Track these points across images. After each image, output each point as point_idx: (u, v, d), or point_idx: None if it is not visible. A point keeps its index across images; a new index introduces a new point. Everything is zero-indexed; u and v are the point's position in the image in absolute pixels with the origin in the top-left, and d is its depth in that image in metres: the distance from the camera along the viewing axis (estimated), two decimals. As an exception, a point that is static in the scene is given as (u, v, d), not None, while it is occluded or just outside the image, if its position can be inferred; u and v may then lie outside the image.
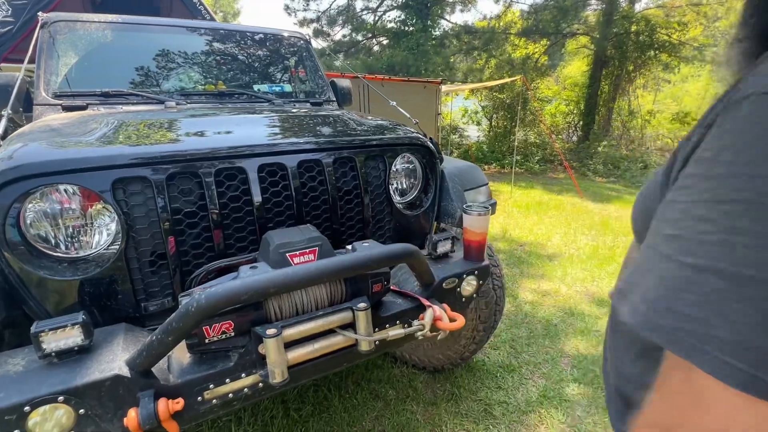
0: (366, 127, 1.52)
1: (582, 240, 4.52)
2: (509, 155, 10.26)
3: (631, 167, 9.09)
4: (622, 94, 12.13)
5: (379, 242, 1.44)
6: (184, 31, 2.30)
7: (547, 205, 6.19)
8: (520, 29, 11.92)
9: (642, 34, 10.64)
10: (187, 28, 2.33)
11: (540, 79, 12.57)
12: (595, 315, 2.82)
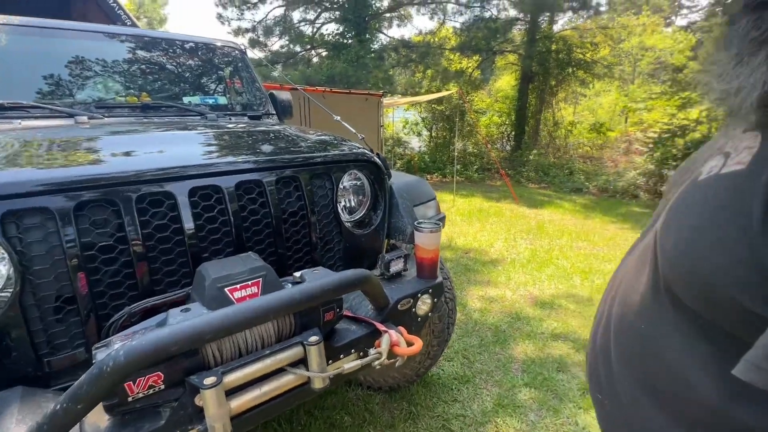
0: (310, 143, 1.45)
1: (521, 244, 4.75)
2: (450, 165, 10.64)
3: (559, 173, 9.84)
4: (547, 106, 13.17)
5: (329, 264, 1.36)
6: (100, 36, 2.07)
7: (488, 212, 6.46)
8: (454, 45, 12.51)
9: (561, 53, 11.67)
10: (105, 33, 2.09)
11: (475, 92, 13.26)
12: (539, 317, 2.94)
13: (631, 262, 0.56)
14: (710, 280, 0.37)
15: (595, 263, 4.11)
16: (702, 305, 0.39)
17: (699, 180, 0.44)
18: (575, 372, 2.31)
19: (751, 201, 0.34)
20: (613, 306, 0.56)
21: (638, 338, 0.49)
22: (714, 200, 0.39)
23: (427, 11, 13.14)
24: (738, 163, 0.39)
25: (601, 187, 8.55)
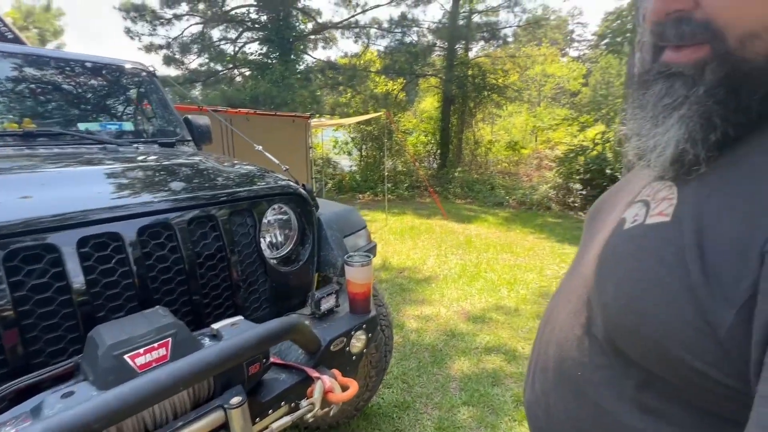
0: (228, 177, 1.35)
1: (452, 260, 4.92)
2: (381, 183, 10.82)
3: (482, 189, 10.49)
4: (467, 126, 14.10)
5: (255, 307, 1.26)
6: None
7: (419, 229, 6.63)
8: (379, 68, 12.93)
9: (477, 78, 12.65)
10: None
11: (401, 113, 13.76)
12: (472, 332, 3.04)
13: (563, 303, 0.58)
14: (658, 341, 0.37)
15: (519, 274, 4.39)
16: (650, 362, 0.40)
17: (625, 229, 0.46)
18: (508, 384, 2.40)
19: (686, 256, 0.36)
20: (549, 346, 0.57)
21: (574, 386, 0.49)
22: (647, 254, 0.41)
23: (351, 35, 13.48)
24: (660, 214, 0.42)
25: (519, 200, 9.28)
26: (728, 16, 0.36)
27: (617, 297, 0.42)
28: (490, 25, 12.64)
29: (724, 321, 0.32)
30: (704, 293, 0.34)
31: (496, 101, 13.67)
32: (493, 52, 13.58)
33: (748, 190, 0.34)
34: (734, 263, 0.32)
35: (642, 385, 0.42)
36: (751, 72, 0.36)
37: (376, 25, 13.05)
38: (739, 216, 0.33)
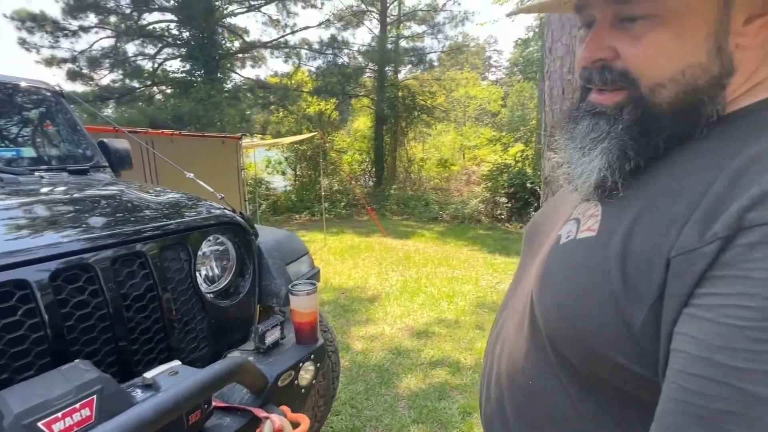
0: (157, 207, 1.25)
1: (393, 276, 4.99)
2: (318, 203, 10.70)
3: (417, 205, 10.84)
4: (400, 145, 14.58)
5: (192, 348, 1.17)
6: None
7: (359, 247, 6.64)
8: (311, 88, 12.94)
9: (407, 99, 13.21)
10: None
11: (335, 133, 13.84)
12: (417, 348, 3.08)
13: (511, 318, 0.61)
14: (589, 342, 0.42)
15: (457, 286, 4.58)
16: (585, 363, 0.44)
17: (561, 244, 0.51)
18: (455, 396, 2.46)
19: (609, 265, 0.41)
20: (501, 359, 0.60)
21: (527, 395, 0.53)
22: (578, 264, 0.46)
23: (281, 54, 13.38)
24: (589, 229, 0.47)
25: (452, 214, 9.73)
26: (641, 68, 0.44)
27: (554, 306, 0.47)
28: (416, 49, 13.36)
29: (637, 320, 0.38)
30: (622, 297, 0.39)
31: (426, 121, 14.36)
32: (420, 74, 14.31)
33: (655, 209, 0.41)
34: (646, 269, 0.38)
35: (584, 386, 0.46)
36: (659, 115, 0.44)
37: (307, 46, 13.12)
38: (650, 230, 0.40)
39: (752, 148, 0.37)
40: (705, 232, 0.34)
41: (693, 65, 0.42)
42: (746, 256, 0.32)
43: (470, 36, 21.44)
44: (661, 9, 0.41)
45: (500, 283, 4.67)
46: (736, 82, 0.43)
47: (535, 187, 8.56)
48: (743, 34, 0.41)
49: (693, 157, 0.42)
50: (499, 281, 4.75)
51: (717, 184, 0.36)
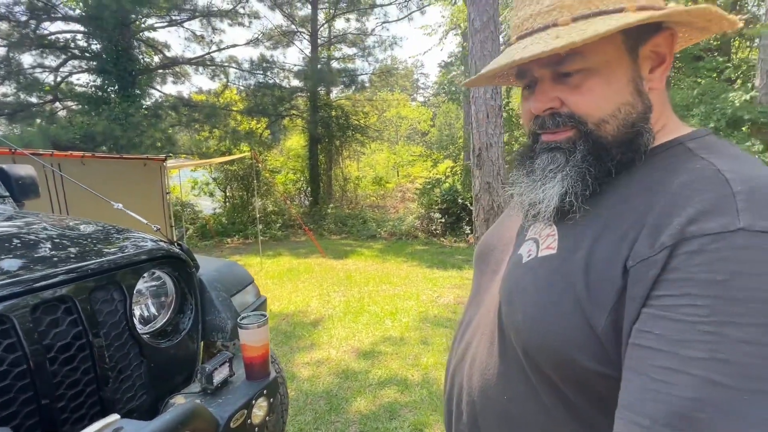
0: (83, 243, 1.13)
1: (335, 298, 4.92)
2: (251, 225, 10.25)
3: (355, 223, 10.88)
4: (335, 163, 14.61)
5: (129, 396, 1.06)
6: None
7: (298, 270, 6.46)
8: (242, 108, 12.53)
9: (341, 119, 13.35)
10: None
11: (267, 152, 13.48)
12: (365, 369, 3.06)
13: (479, 337, 0.65)
14: (560, 348, 0.47)
15: (399, 303, 4.65)
16: (557, 368, 0.49)
17: (523, 263, 0.57)
18: (405, 414, 2.48)
19: (573, 277, 0.47)
20: (472, 378, 0.63)
21: (503, 409, 0.57)
22: (544, 280, 0.52)
23: (207, 71, 12.82)
24: (548, 248, 0.54)
25: (390, 231, 9.91)
26: (585, 110, 0.53)
27: (525, 320, 0.52)
28: (347, 71, 13.62)
29: (600, 322, 0.44)
30: (587, 304, 0.46)
31: (360, 140, 14.60)
32: (352, 95, 14.60)
33: (612, 227, 0.48)
34: (607, 278, 0.45)
35: (556, 393, 0.51)
36: (607, 145, 0.53)
37: (235, 64, 12.74)
38: (609, 245, 0.47)
39: (680, 177, 0.46)
40: (654, 243, 0.42)
41: (624, 103, 0.51)
42: (689, 262, 0.39)
43: (399, 59, 22.46)
44: (590, 64, 0.50)
45: (440, 297, 4.83)
46: (654, 117, 0.53)
47: (466, 203, 9.07)
48: (651, 79, 0.53)
49: (635, 183, 0.51)
50: (439, 295, 4.92)
51: (659, 204, 0.44)
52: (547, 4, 0.52)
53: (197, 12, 12.16)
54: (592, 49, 0.49)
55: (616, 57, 0.50)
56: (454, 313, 4.25)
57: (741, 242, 0.38)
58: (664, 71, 0.53)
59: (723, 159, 0.46)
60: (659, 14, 0.46)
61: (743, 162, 0.46)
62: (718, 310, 0.37)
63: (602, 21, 0.47)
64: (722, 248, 0.38)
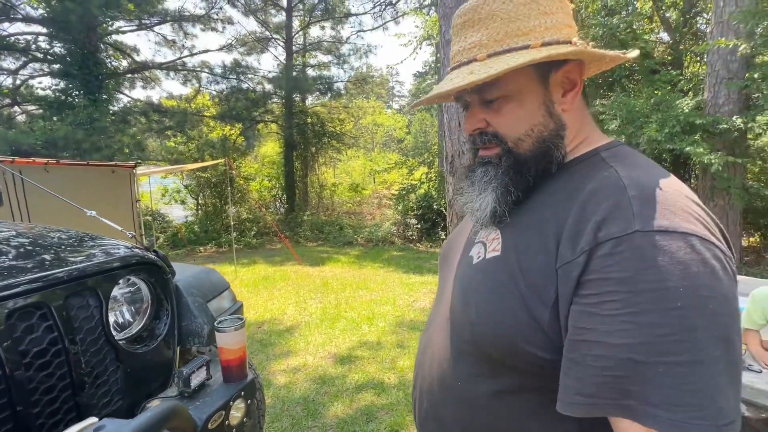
0: (57, 250, 1.13)
1: (312, 305, 4.92)
2: (225, 233, 10.06)
3: (332, 230, 10.87)
4: (311, 170, 14.57)
5: (105, 402, 1.07)
6: None
7: (273, 277, 6.40)
8: (214, 114, 12.33)
9: (316, 125, 13.34)
10: None
11: (241, 159, 13.29)
12: (342, 374, 3.08)
13: (437, 332, 0.71)
14: (511, 339, 0.54)
15: (376, 308, 4.69)
16: (506, 357, 0.56)
17: (474, 264, 0.64)
18: (381, 417, 2.52)
19: (515, 277, 0.54)
20: (432, 368, 0.70)
21: (458, 396, 0.63)
22: (492, 280, 0.58)
23: (179, 77, 12.58)
24: (494, 250, 0.61)
25: (367, 237, 9.96)
26: (505, 130, 0.61)
27: (478, 315, 0.58)
28: (323, 78, 13.66)
29: (545, 318, 0.51)
30: (531, 300, 0.52)
31: (336, 147, 14.62)
32: (328, 102, 14.64)
33: (538, 231, 0.56)
34: (544, 278, 0.52)
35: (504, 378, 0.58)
36: (525, 159, 0.61)
37: (208, 70, 12.55)
38: (539, 248, 0.54)
39: (590, 185, 0.54)
40: (575, 247, 0.49)
41: (536, 124, 0.60)
42: (604, 263, 0.46)
43: (374, 67, 22.70)
44: (506, 92, 0.60)
45: (416, 302, 4.91)
46: (569, 135, 0.62)
47: (441, 209, 9.24)
48: (564, 101, 0.61)
49: (559, 189, 0.59)
50: (415, 300, 5.00)
51: (574, 211, 0.52)
52: (470, 42, 0.61)
53: (168, 16, 11.94)
54: (508, 79, 0.58)
55: (527, 85, 0.60)
56: (429, 316, 4.34)
57: (638, 242, 0.45)
58: (576, 94, 0.61)
59: (626, 167, 0.54)
60: (556, 54, 0.55)
61: (643, 169, 0.54)
62: (630, 302, 0.44)
63: (511, 57, 0.57)
64: (625, 249, 0.45)
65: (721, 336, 0.43)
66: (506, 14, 0.58)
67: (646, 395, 0.43)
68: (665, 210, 0.47)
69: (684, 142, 4.97)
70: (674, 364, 0.42)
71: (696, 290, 0.43)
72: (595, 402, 0.46)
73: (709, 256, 0.45)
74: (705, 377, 0.41)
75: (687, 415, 0.41)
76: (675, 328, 0.42)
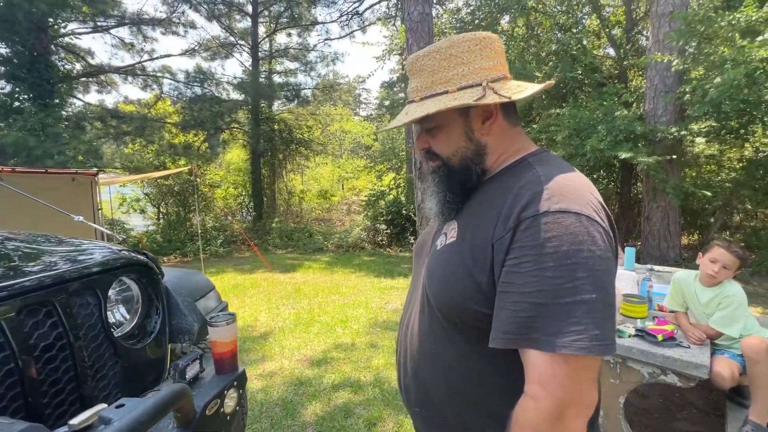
0: (56, 253, 1.18)
1: (285, 311, 4.94)
2: (190, 242, 9.79)
3: (301, 237, 10.83)
4: (279, 177, 14.44)
5: (105, 395, 1.13)
6: None
7: (244, 285, 6.34)
8: (177, 120, 12.00)
9: (284, 132, 13.27)
10: None
11: (206, 166, 12.99)
12: (318, 376, 3.16)
13: (413, 308, 0.87)
14: (461, 301, 0.70)
15: (349, 311, 4.78)
16: (459, 316, 0.72)
17: (437, 249, 0.80)
18: (359, 412, 2.63)
19: (464, 254, 0.71)
20: (412, 338, 0.85)
21: (433, 355, 0.78)
22: (449, 260, 0.75)
23: (137, 81, 12.15)
24: (451, 237, 0.78)
25: (337, 244, 10.00)
26: (440, 150, 0.80)
27: (439, 286, 0.75)
28: (290, 85, 13.63)
29: (483, 280, 0.67)
30: (474, 269, 0.68)
31: (304, 154, 14.59)
32: (295, 109, 14.61)
33: (481, 219, 0.72)
34: (483, 252, 0.68)
35: (461, 333, 0.74)
36: (455, 171, 0.80)
37: (170, 75, 12.22)
38: (481, 231, 0.70)
39: (520, 182, 0.71)
40: (505, 226, 0.66)
41: (460, 147, 0.79)
42: (522, 235, 0.63)
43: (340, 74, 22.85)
44: (437, 123, 0.79)
45: (388, 304, 5.05)
46: (494, 155, 0.80)
47: (410, 214, 9.46)
48: (483, 129, 0.79)
49: (495, 188, 0.76)
50: (387, 302, 5.13)
51: (508, 200, 0.69)
52: (413, 86, 0.81)
53: (126, 19, 11.55)
54: (436, 115, 0.76)
55: (452, 118, 0.78)
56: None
57: (544, 219, 0.62)
58: (493, 122, 0.78)
59: (545, 167, 0.71)
60: (455, 105, 0.72)
61: (556, 168, 0.71)
62: (537, 261, 0.60)
63: (435, 101, 0.76)
64: (536, 224, 0.62)
65: (597, 284, 0.59)
66: (431, 68, 0.77)
67: (545, 328, 0.58)
68: (565, 196, 0.64)
69: (623, 149, 5.46)
70: (564, 303, 0.58)
71: (580, 252, 0.59)
72: (510, 337, 0.61)
73: (592, 230, 0.62)
74: (586, 311, 0.57)
75: (572, 338, 0.57)
76: (566, 278, 0.58)
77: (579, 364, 0.57)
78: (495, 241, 0.66)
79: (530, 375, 0.60)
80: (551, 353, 0.58)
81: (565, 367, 0.57)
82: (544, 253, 0.60)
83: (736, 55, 4.34)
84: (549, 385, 0.58)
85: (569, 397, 0.57)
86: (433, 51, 0.77)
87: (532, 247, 0.61)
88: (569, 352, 0.56)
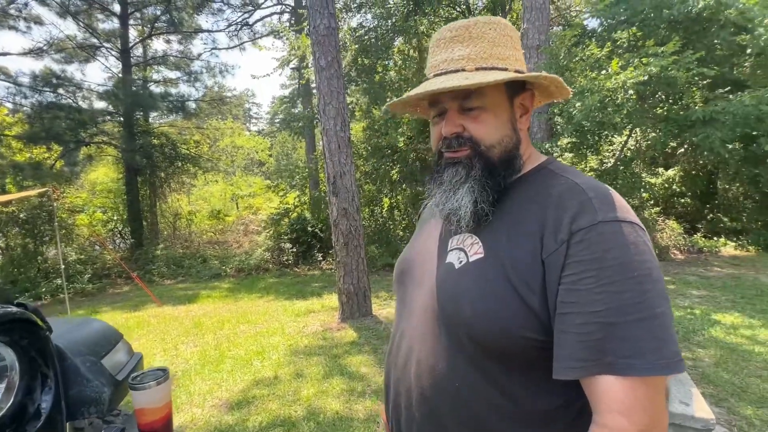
0: None
1: (186, 350, 4.29)
2: (45, 281, 7.95)
3: (194, 263, 9.67)
4: (161, 198, 12.77)
5: None
6: None
7: (127, 326, 5.34)
8: (21, 132, 9.79)
9: (165, 147, 11.83)
10: None
11: (63, 187, 10.81)
12: (241, 420, 2.77)
13: (420, 343, 0.72)
14: (505, 328, 0.61)
15: (264, 340, 4.37)
16: (501, 343, 0.62)
17: (457, 269, 0.69)
18: (296, 454, 2.36)
19: (506, 271, 0.62)
20: (421, 378, 0.70)
21: (458, 396, 0.66)
22: (482, 278, 0.64)
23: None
24: (476, 253, 0.67)
25: (237, 267, 9.18)
26: (481, 136, 0.70)
27: (475, 313, 0.63)
28: (171, 95, 12.26)
29: (535, 303, 0.60)
30: (523, 290, 0.61)
31: (191, 171, 13.20)
32: (177, 122, 13.17)
33: (519, 230, 0.65)
34: (531, 269, 0.61)
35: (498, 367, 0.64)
36: (496, 164, 0.70)
37: (5, 76, 9.94)
38: (523, 244, 0.62)
39: (556, 189, 0.66)
40: (556, 239, 0.60)
41: (506, 135, 0.71)
42: (577, 249, 0.58)
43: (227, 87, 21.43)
44: (485, 104, 0.70)
45: (306, 327, 4.75)
46: (522, 149, 0.74)
47: (316, 230, 9.19)
48: (521, 122, 0.74)
49: (521, 195, 0.70)
50: (305, 325, 4.83)
51: (550, 209, 0.63)
52: (458, 54, 0.70)
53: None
54: (488, 92, 0.69)
55: (501, 102, 0.71)
56: (324, 339, 4.25)
57: (601, 229, 0.58)
58: (528, 118, 0.76)
59: (573, 176, 0.69)
60: (527, 76, 0.69)
61: (584, 177, 0.69)
62: (600, 276, 0.55)
63: (497, 73, 0.67)
64: (593, 236, 0.58)
65: (663, 295, 0.57)
66: (492, 39, 0.69)
67: (620, 350, 0.53)
68: (613, 205, 0.61)
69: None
70: (637, 320, 0.53)
71: (644, 263, 0.57)
72: (583, 365, 0.55)
73: (647, 239, 0.61)
74: (659, 326, 0.54)
75: (653, 358, 0.53)
76: (634, 292, 0.55)
77: (658, 384, 0.54)
78: (546, 257, 0.60)
79: (606, 404, 0.54)
80: (631, 377, 0.53)
81: (645, 391, 0.53)
82: (605, 266, 0.55)
83: (590, 84, 5.27)
84: (633, 413, 0.52)
85: (653, 423, 0.53)
86: (493, 22, 0.70)
87: (592, 261, 0.56)
88: (651, 373, 0.52)
